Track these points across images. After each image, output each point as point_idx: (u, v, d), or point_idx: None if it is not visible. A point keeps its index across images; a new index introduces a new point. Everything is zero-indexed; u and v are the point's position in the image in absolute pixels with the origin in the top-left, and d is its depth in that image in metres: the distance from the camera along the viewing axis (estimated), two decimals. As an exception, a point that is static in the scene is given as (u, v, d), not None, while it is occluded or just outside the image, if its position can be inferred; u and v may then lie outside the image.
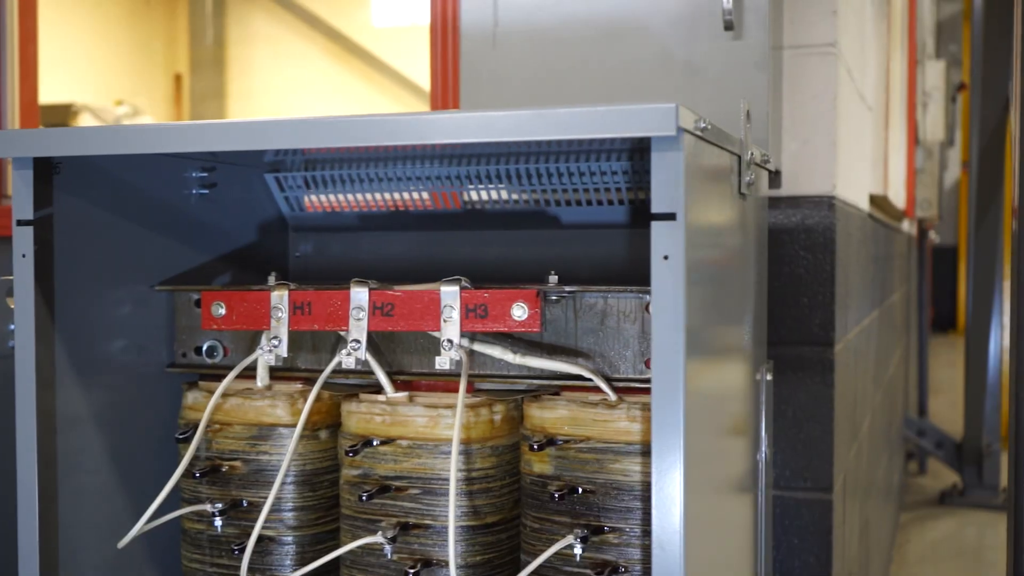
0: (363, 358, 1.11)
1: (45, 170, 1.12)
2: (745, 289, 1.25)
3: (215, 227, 1.41)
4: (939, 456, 4.52)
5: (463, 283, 1.09)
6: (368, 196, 1.50)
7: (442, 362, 1.08)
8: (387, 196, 1.49)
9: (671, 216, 0.90)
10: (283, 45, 5.79)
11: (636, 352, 1.14)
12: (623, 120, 0.88)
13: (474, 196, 1.46)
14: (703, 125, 0.94)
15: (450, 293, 1.08)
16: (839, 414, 1.72)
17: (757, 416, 1.33)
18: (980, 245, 4.33)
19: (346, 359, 1.11)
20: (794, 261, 1.66)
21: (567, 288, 1.13)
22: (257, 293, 1.15)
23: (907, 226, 4.43)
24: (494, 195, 1.45)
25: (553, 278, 1.13)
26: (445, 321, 1.08)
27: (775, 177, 1.67)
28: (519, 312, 1.06)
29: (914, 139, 4.49)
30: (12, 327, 1.39)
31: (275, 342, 1.14)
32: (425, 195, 1.48)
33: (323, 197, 1.52)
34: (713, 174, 1.04)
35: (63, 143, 1.06)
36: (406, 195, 1.48)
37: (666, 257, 0.90)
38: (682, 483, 0.93)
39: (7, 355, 1.42)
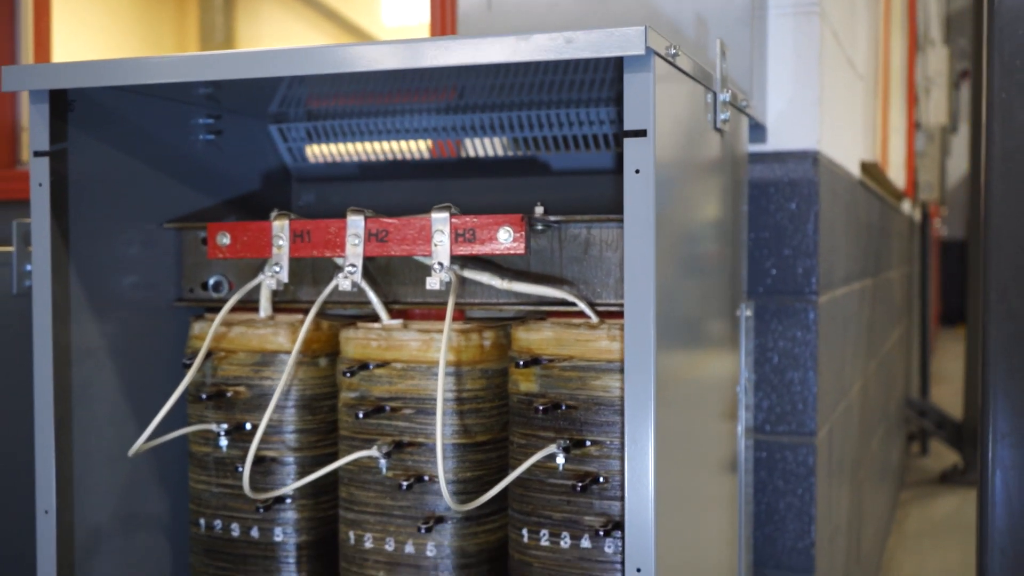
0: (359, 281, 1.18)
1: (60, 105, 1.20)
2: (721, 224, 1.31)
3: (221, 175, 1.48)
4: (940, 436, 4.57)
5: (452, 210, 1.15)
6: (368, 146, 1.57)
7: (432, 283, 1.15)
8: (386, 146, 1.56)
9: (642, 133, 0.96)
10: (294, 42, 5.87)
11: (617, 279, 1.20)
12: (597, 42, 0.94)
13: (469, 146, 1.53)
14: (673, 52, 1.00)
15: (440, 219, 1.15)
16: (823, 364, 1.78)
17: (736, 351, 1.39)
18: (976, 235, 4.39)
19: (343, 282, 1.18)
20: (779, 212, 1.72)
21: (551, 217, 1.19)
22: (259, 223, 1.22)
23: (908, 208, 4.47)
24: (489, 145, 1.52)
25: (539, 209, 1.20)
26: (436, 245, 1.15)
27: (761, 132, 1.73)
28: (505, 236, 1.13)
29: (913, 122, 4.53)
30: (28, 267, 1.46)
31: (276, 268, 1.21)
32: (423, 145, 1.55)
33: (324, 148, 1.59)
34: (687, 102, 1.10)
35: (77, 75, 1.13)
36: (404, 145, 1.55)
37: (637, 171, 0.96)
38: (653, 396, 0.99)
39: (24, 294, 1.50)
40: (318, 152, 1.60)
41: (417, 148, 1.56)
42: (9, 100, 2.41)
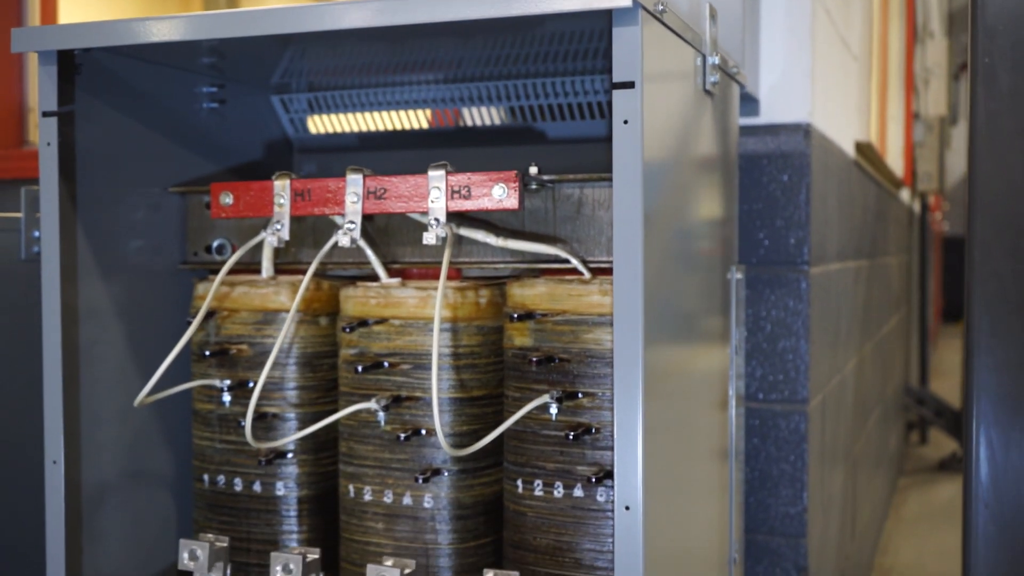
0: (358, 239, 1.21)
1: (68, 68, 1.23)
2: (712, 186, 1.34)
3: (224, 144, 1.52)
4: (939, 424, 4.60)
5: (448, 168, 1.19)
6: (368, 117, 1.60)
7: (429, 238, 1.18)
8: (386, 117, 1.59)
9: (630, 84, 0.99)
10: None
11: (609, 238, 1.24)
12: (586, -4, 0.98)
13: (467, 116, 1.56)
14: (660, 8, 1.04)
15: (436, 176, 1.18)
16: (815, 334, 1.82)
17: (727, 313, 1.42)
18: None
19: (342, 238, 1.21)
20: (771, 184, 1.76)
21: (545, 177, 1.23)
22: (261, 182, 1.25)
23: (907, 198, 4.50)
24: (486, 115, 1.55)
25: (533, 169, 1.23)
26: (432, 202, 1.18)
27: (754, 106, 1.77)
28: (500, 192, 1.16)
29: (912, 112, 4.56)
30: (36, 233, 1.50)
31: (278, 226, 1.24)
32: (423, 115, 1.59)
33: (326, 119, 1.63)
34: (675, 60, 1.13)
35: (83, 36, 1.16)
36: (404, 116, 1.58)
37: (626, 121, 1.00)
38: (641, 347, 1.02)
39: (32, 259, 1.53)
40: (319, 123, 1.64)
41: (416, 118, 1.60)
42: (16, 81, 2.45)
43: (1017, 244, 1.30)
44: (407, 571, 1.15)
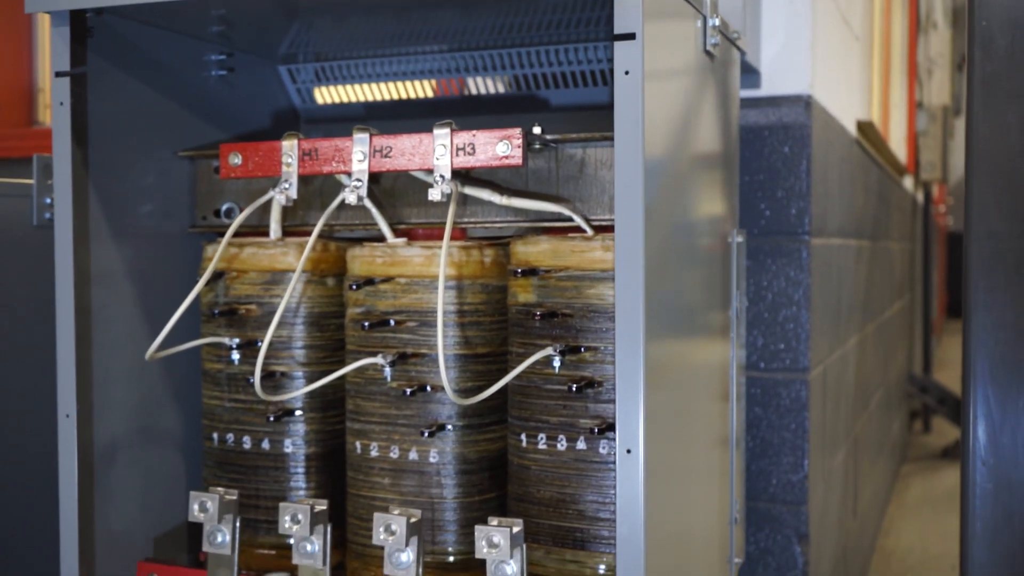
0: (364, 196, 1.24)
1: (80, 30, 1.25)
2: (713, 149, 1.36)
3: (232, 113, 1.54)
4: (942, 412, 4.61)
5: (453, 126, 1.21)
6: (374, 88, 1.62)
7: (434, 194, 1.20)
8: (392, 88, 1.61)
9: (631, 36, 1.02)
10: None
11: (612, 196, 1.26)
12: (588, -50, 1.00)
13: (472, 86, 1.59)
14: (661, -37, 1.06)
15: (441, 134, 1.20)
16: (816, 304, 1.84)
17: (728, 274, 1.44)
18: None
19: (349, 195, 1.23)
20: (772, 155, 1.78)
21: (548, 136, 1.25)
22: (270, 143, 1.27)
23: (910, 186, 4.52)
24: (490, 84, 1.58)
25: (537, 128, 1.25)
26: (437, 159, 1.21)
27: (755, 78, 1.79)
28: (503, 148, 1.18)
29: (915, 101, 4.58)
30: (48, 200, 1.52)
31: (286, 185, 1.27)
32: (428, 86, 1.61)
33: (332, 90, 1.65)
34: (675, 17, 1.15)
35: (96, -5, 1.19)
36: (410, 86, 1.61)
37: (627, 72, 1.02)
38: (642, 303, 1.04)
39: (43, 226, 1.56)
40: (326, 94, 1.66)
41: (422, 88, 1.62)
42: (25, 62, 2.48)
43: (1014, 205, 1.32)
44: (413, 520, 1.17)
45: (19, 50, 2.47)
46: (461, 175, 1.29)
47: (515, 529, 1.12)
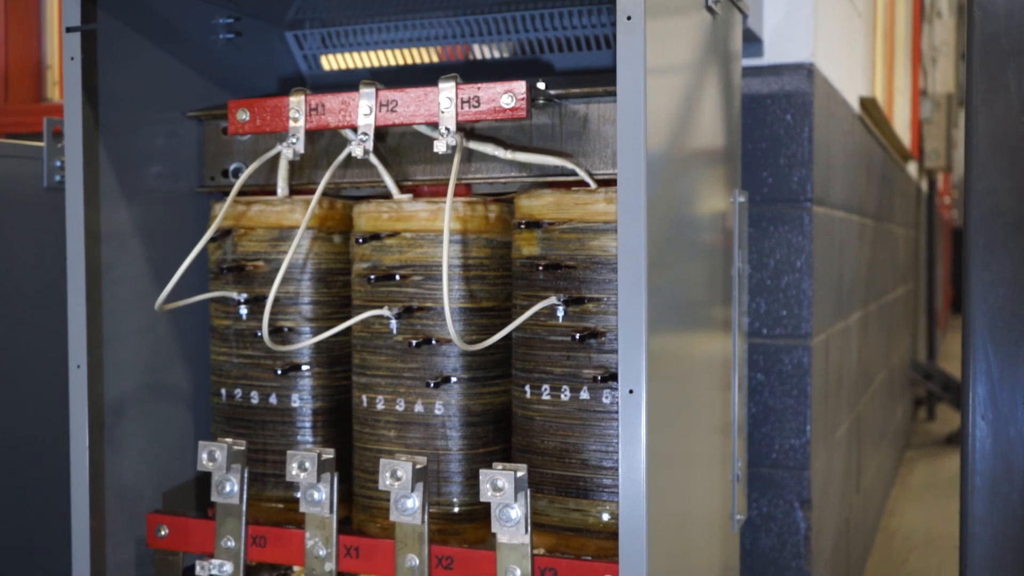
0: (370, 150, 1.25)
1: (90, -13, 1.28)
2: (715, 108, 1.38)
3: (239, 78, 1.56)
4: (946, 399, 4.62)
5: (458, 79, 1.22)
6: (380, 55, 1.64)
7: (439, 146, 1.22)
8: (398, 54, 1.63)
9: (633, -18, 1.03)
10: None
11: (614, 151, 1.27)
12: None
13: (477, 51, 1.60)
14: (663, -87, 1.08)
15: (446, 87, 1.22)
16: (818, 271, 1.85)
17: (731, 232, 1.45)
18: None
19: (355, 149, 1.25)
20: (774, 123, 1.79)
21: (552, 92, 1.26)
22: (277, 98, 1.29)
23: (914, 172, 4.53)
24: (495, 49, 1.59)
25: (541, 84, 1.27)
26: (442, 112, 1.22)
27: (758, 47, 1.80)
28: (508, 100, 1.20)
29: (919, 89, 4.59)
30: (59, 163, 1.54)
31: (293, 140, 1.28)
32: (433, 52, 1.63)
33: (338, 57, 1.67)
34: (677, -30, 1.17)
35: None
36: (415, 52, 1.62)
37: (629, 18, 1.04)
38: (644, 255, 1.06)
39: (54, 188, 1.58)
40: (332, 61, 1.68)
41: (427, 54, 1.64)
42: (34, 38, 2.50)
43: (1013, 161, 1.33)
44: (418, 466, 1.18)
45: (28, 27, 2.49)
46: (466, 131, 1.31)
47: (519, 473, 1.14)
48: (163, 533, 1.34)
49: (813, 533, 1.82)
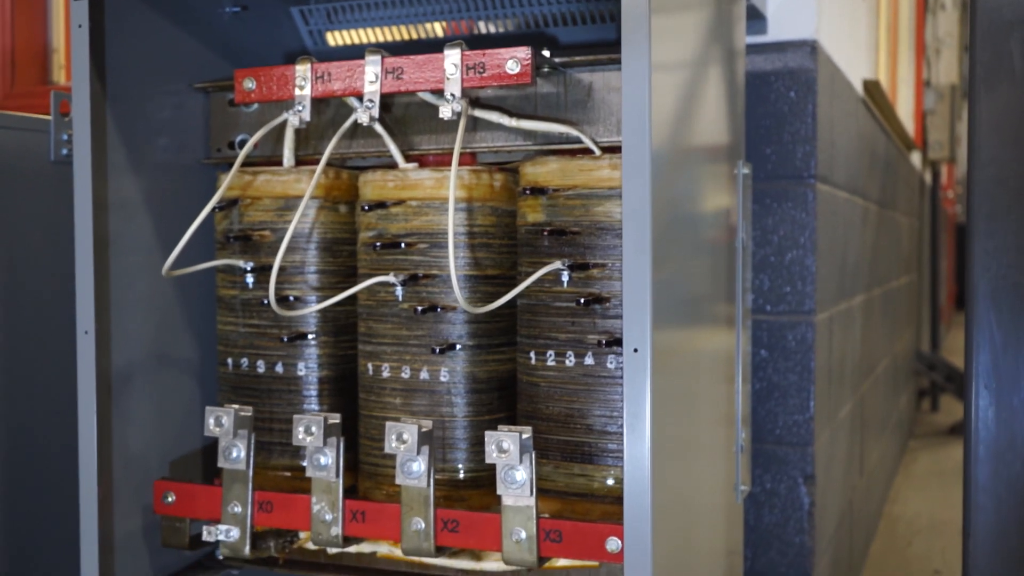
0: (376, 117, 1.26)
1: (98, -46, 1.28)
2: (718, 72, 1.38)
3: (245, 52, 1.56)
4: (949, 389, 4.62)
5: (464, 46, 1.23)
6: (385, 31, 1.65)
7: (445, 112, 1.22)
8: (403, 30, 1.64)
9: (638, -57, 1.04)
10: None
11: (619, 119, 1.28)
12: None
13: (482, 27, 1.61)
14: None
15: (452, 53, 1.23)
16: (821, 248, 1.86)
17: (734, 206, 1.46)
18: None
19: (362, 115, 1.26)
20: (778, 100, 1.80)
21: (557, 59, 1.27)
22: (283, 67, 1.30)
23: (918, 162, 4.53)
24: (501, 25, 1.60)
25: (546, 52, 1.27)
26: (448, 78, 1.23)
27: (762, 24, 1.81)
28: (513, 65, 1.20)
29: (922, 80, 4.58)
30: (65, 136, 1.55)
31: (299, 108, 1.29)
32: (439, 27, 1.63)
33: (344, 33, 1.67)
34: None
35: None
36: (420, 28, 1.63)
37: (633, -22, 1.04)
38: (649, 216, 1.07)
39: (60, 161, 1.58)
40: (338, 37, 1.68)
41: (432, 30, 1.64)
42: (40, 22, 2.51)
43: (1017, 131, 1.34)
44: (424, 429, 1.19)
45: (34, 11, 2.50)
46: (471, 101, 1.32)
47: (524, 435, 1.15)
48: (170, 500, 1.35)
49: (817, 509, 1.82)
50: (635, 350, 1.06)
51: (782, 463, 1.81)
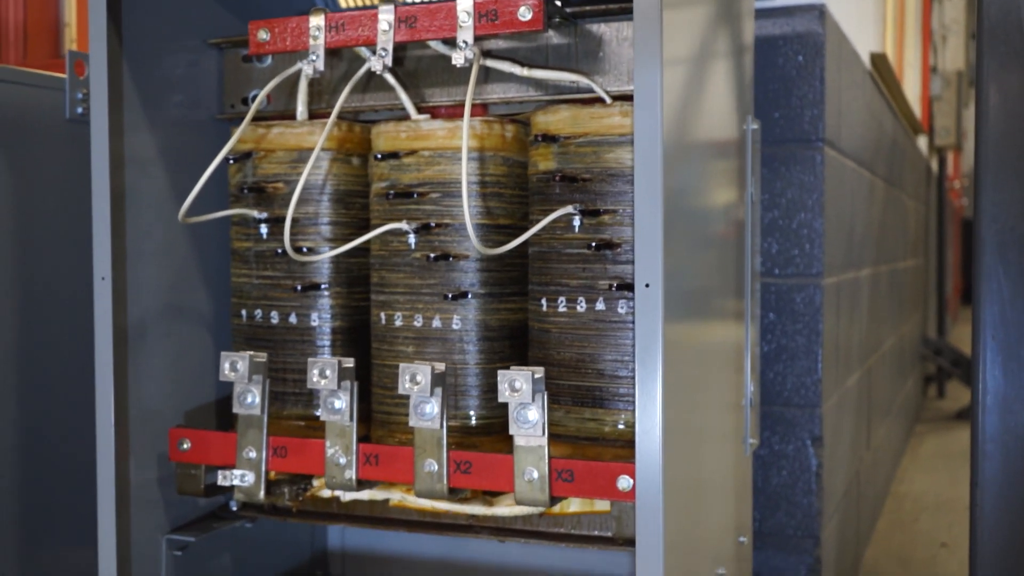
0: (390, 65, 1.27)
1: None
2: (727, 29, 1.40)
3: (257, 13, 1.57)
4: (956, 374, 4.63)
5: (476, -6, 1.25)
6: None
7: (457, 59, 1.24)
8: None
9: None
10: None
11: (630, 70, 1.29)
12: None
13: None
14: None
15: (464, 2, 1.24)
16: (829, 213, 1.87)
17: (743, 161, 1.47)
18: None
19: (375, 63, 1.27)
20: (786, 65, 1.81)
21: (568, 9, 1.28)
22: (297, 17, 1.31)
23: (924, 148, 4.53)
24: None
25: (557, 1, 1.29)
26: (461, 26, 1.24)
27: (769, -11, 1.82)
28: (525, 12, 1.22)
29: (929, 66, 4.59)
30: (80, 95, 1.57)
31: (313, 58, 1.31)
32: None
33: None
34: None
35: None
36: None
37: (645, -81, 1.05)
38: (660, 152, 1.08)
39: (76, 119, 1.60)
40: (351, 3, 1.70)
41: None
42: (53, -2, 2.53)
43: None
44: (437, 371, 1.20)
45: (46, -14, 2.52)
46: (483, 52, 1.33)
47: (536, 374, 1.16)
48: (185, 447, 1.37)
49: (824, 471, 1.83)
50: (647, 285, 1.07)
51: (790, 424, 1.82)
